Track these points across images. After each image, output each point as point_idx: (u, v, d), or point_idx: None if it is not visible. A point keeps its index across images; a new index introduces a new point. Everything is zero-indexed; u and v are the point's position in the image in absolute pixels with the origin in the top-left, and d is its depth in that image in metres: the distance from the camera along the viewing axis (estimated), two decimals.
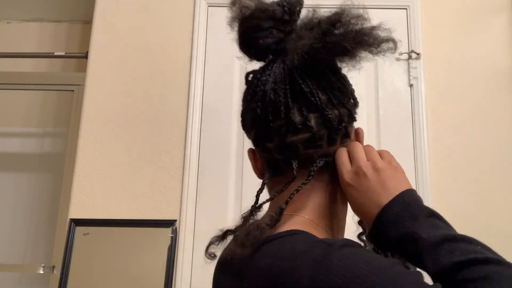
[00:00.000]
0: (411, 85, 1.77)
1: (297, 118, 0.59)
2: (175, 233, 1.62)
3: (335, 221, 0.63)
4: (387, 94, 1.77)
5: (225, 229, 0.65)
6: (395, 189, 0.57)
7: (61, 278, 1.58)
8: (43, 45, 2.40)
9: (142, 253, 1.61)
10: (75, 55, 2.14)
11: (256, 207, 0.62)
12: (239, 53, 0.67)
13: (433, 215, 0.54)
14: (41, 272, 1.91)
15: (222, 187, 1.68)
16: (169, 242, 1.61)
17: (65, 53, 2.21)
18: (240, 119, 0.69)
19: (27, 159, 2.29)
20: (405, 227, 0.53)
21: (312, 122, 0.59)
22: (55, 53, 2.16)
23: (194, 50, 1.81)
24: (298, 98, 0.59)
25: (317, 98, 0.59)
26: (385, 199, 0.56)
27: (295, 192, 0.59)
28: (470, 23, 1.85)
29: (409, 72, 1.77)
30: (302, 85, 0.59)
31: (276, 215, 0.57)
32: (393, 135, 1.72)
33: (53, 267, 1.88)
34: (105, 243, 1.62)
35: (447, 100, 1.77)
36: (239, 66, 1.78)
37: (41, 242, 2.14)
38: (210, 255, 0.67)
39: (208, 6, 1.86)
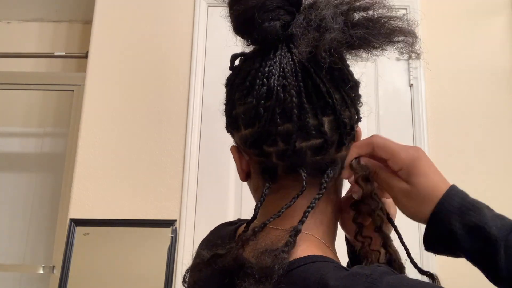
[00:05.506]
0: (411, 85, 1.77)
1: (311, 122, 0.51)
2: (175, 233, 1.62)
3: (334, 233, 0.58)
4: (387, 94, 1.77)
5: (214, 252, 0.52)
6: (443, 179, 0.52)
7: (61, 278, 1.58)
8: (43, 45, 2.40)
9: (142, 253, 1.61)
10: (75, 55, 2.14)
11: (260, 228, 0.51)
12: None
13: (489, 207, 0.50)
14: (41, 272, 1.91)
15: (222, 187, 1.68)
16: (169, 242, 1.61)
17: (65, 53, 2.21)
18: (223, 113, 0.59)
19: (27, 159, 2.29)
20: (471, 217, 0.48)
21: (326, 127, 0.51)
22: (55, 53, 2.16)
23: (194, 50, 1.81)
24: (312, 97, 0.51)
25: (334, 99, 0.51)
26: (443, 185, 0.51)
27: (309, 209, 0.51)
28: (470, 23, 1.85)
29: (409, 72, 1.77)
30: (319, 84, 0.51)
31: (293, 239, 0.49)
32: (393, 135, 1.71)
33: (53, 267, 1.87)
34: (105, 243, 1.62)
35: (447, 100, 1.77)
36: None
37: (41, 242, 2.14)
38: (189, 284, 0.58)
39: (208, 6, 1.86)
